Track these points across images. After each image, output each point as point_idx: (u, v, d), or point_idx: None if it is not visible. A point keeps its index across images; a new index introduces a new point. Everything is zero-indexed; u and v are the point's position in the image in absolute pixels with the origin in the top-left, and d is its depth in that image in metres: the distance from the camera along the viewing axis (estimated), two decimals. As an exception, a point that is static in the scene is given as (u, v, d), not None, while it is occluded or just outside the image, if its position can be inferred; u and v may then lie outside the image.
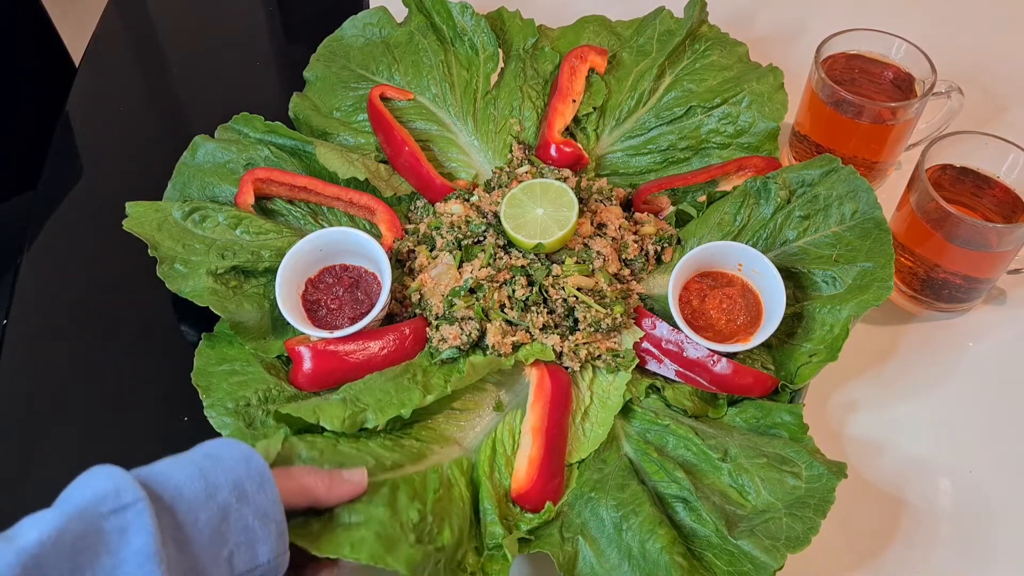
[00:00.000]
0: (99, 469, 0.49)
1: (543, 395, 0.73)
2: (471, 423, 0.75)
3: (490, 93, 0.97)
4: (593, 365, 0.78)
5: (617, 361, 0.78)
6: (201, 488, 0.51)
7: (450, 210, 0.85)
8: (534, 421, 0.72)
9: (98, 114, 1.04)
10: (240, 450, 0.54)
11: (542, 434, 0.71)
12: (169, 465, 0.52)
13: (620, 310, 0.79)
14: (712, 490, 0.69)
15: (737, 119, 0.91)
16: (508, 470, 0.72)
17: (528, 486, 0.70)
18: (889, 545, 0.72)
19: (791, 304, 0.78)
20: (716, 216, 0.84)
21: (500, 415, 0.75)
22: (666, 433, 0.73)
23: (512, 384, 0.78)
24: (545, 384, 0.74)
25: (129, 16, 1.17)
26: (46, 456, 0.76)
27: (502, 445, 0.73)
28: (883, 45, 0.91)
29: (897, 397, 0.81)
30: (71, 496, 0.48)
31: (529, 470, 0.70)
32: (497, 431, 0.74)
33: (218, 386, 0.74)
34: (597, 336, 0.78)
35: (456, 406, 0.74)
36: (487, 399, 0.76)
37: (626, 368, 0.78)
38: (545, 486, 0.70)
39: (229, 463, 0.53)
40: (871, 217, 0.77)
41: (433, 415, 0.74)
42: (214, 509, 0.51)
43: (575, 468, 0.73)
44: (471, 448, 0.73)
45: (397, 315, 0.82)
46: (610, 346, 0.78)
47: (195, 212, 0.82)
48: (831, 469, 0.67)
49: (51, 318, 0.84)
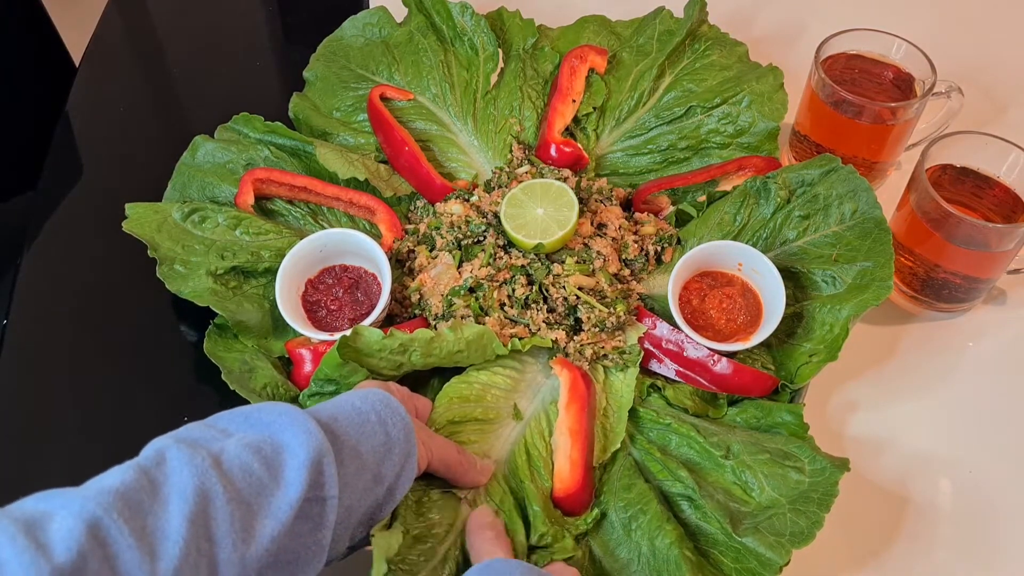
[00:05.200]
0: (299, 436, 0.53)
1: (578, 396, 0.72)
2: (496, 433, 0.73)
3: (490, 93, 0.97)
4: (603, 365, 0.78)
5: (624, 358, 0.78)
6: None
7: (450, 210, 0.85)
8: (571, 423, 0.71)
9: (98, 114, 1.04)
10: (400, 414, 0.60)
11: (580, 436, 0.71)
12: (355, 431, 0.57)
13: (623, 308, 0.79)
14: (716, 488, 0.69)
15: (737, 119, 0.91)
16: (547, 472, 0.71)
17: (574, 487, 0.69)
18: (889, 545, 0.72)
19: (791, 304, 0.78)
20: (716, 216, 0.84)
21: (522, 423, 0.74)
22: (668, 432, 0.73)
23: (525, 389, 0.76)
24: (579, 385, 0.73)
25: (129, 16, 1.17)
26: (46, 456, 0.76)
27: (536, 449, 0.72)
28: (883, 45, 0.91)
29: (897, 397, 0.81)
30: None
31: (573, 471, 0.69)
32: (527, 436, 0.73)
33: (231, 367, 0.74)
34: (602, 336, 0.78)
35: (477, 415, 0.73)
36: (503, 406, 0.74)
37: (633, 364, 0.77)
38: (588, 487, 0.70)
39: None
40: (871, 217, 0.77)
41: (458, 430, 0.72)
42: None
43: (598, 470, 0.72)
44: (502, 459, 0.72)
45: (397, 316, 0.82)
46: (616, 344, 0.78)
47: (195, 213, 0.82)
48: (834, 463, 0.68)
49: (51, 318, 0.84)
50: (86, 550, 0.43)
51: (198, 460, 0.49)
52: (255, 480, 0.50)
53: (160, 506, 0.47)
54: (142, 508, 0.46)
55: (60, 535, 0.43)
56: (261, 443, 0.52)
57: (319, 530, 0.52)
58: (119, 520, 0.44)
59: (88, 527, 0.43)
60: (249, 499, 0.49)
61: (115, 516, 0.44)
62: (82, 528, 0.43)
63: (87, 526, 0.43)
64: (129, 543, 0.44)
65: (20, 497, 0.46)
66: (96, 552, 0.43)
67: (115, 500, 0.45)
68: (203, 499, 0.48)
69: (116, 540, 0.44)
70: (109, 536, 0.44)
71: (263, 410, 0.55)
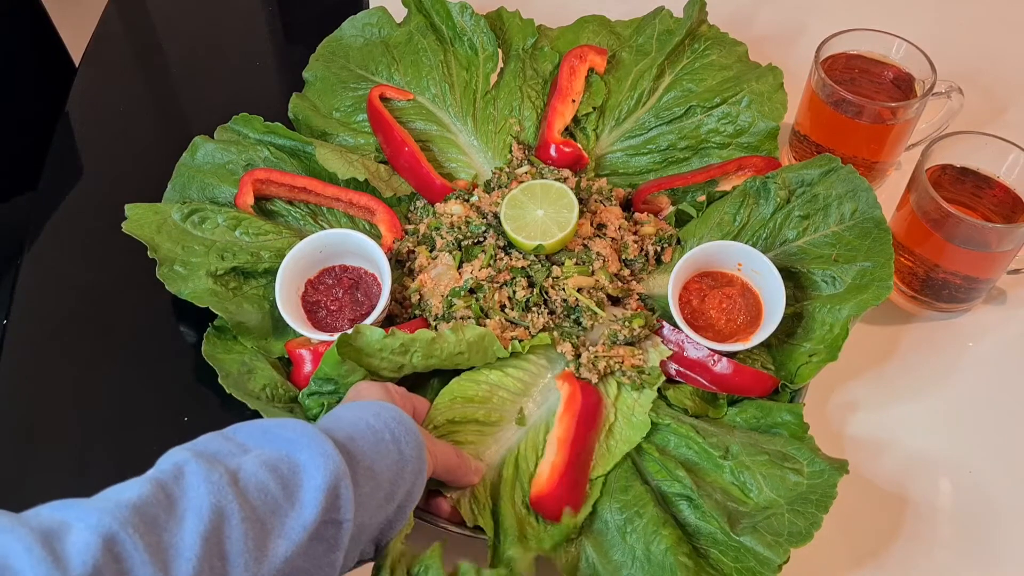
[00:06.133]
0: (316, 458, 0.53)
1: (572, 408, 0.72)
2: (495, 436, 0.73)
3: (490, 93, 0.97)
4: (618, 382, 0.77)
5: (642, 378, 0.76)
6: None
7: (450, 210, 0.85)
8: (560, 432, 0.71)
9: (98, 114, 1.04)
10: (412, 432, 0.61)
11: (567, 445, 0.70)
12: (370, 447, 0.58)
13: (640, 323, 0.78)
14: (714, 488, 0.69)
15: (737, 119, 0.91)
16: (529, 486, 0.71)
17: (547, 490, 0.69)
18: (889, 544, 0.72)
19: (791, 304, 0.78)
20: (716, 216, 0.84)
21: (524, 429, 0.74)
22: (667, 432, 0.73)
23: (535, 393, 0.76)
24: (576, 398, 0.72)
25: (129, 16, 1.17)
26: (46, 456, 0.76)
27: (525, 462, 0.72)
28: (883, 45, 0.91)
29: (897, 397, 0.81)
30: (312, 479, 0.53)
31: (551, 475, 0.69)
32: (520, 447, 0.72)
33: (228, 370, 0.74)
34: (617, 350, 0.77)
35: (479, 417, 0.72)
36: (509, 409, 0.74)
37: (651, 386, 0.76)
38: (564, 494, 0.69)
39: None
40: (870, 216, 0.77)
41: (456, 430, 0.72)
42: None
43: (597, 482, 0.71)
44: (493, 464, 0.72)
45: (397, 316, 0.82)
46: (635, 363, 0.77)
47: (194, 213, 0.82)
48: (833, 465, 0.68)
49: (51, 318, 0.84)
50: (101, 565, 0.43)
51: (215, 476, 0.49)
52: (271, 500, 0.50)
53: (176, 523, 0.47)
54: (158, 523, 0.46)
55: (76, 548, 0.43)
56: (278, 462, 0.52)
57: (333, 552, 0.53)
58: (135, 535, 0.44)
59: (104, 541, 0.44)
60: (264, 518, 0.50)
61: (131, 531, 0.44)
62: (98, 543, 0.43)
63: (103, 540, 0.44)
64: (143, 559, 0.44)
65: (20, 497, 0.47)
66: (110, 567, 0.43)
67: (132, 515, 0.45)
68: (218, 517, 0.48)
69: (131, 555, 0.44)
70: (124, 551, 0.44)
71: (282, 426, 0.55)
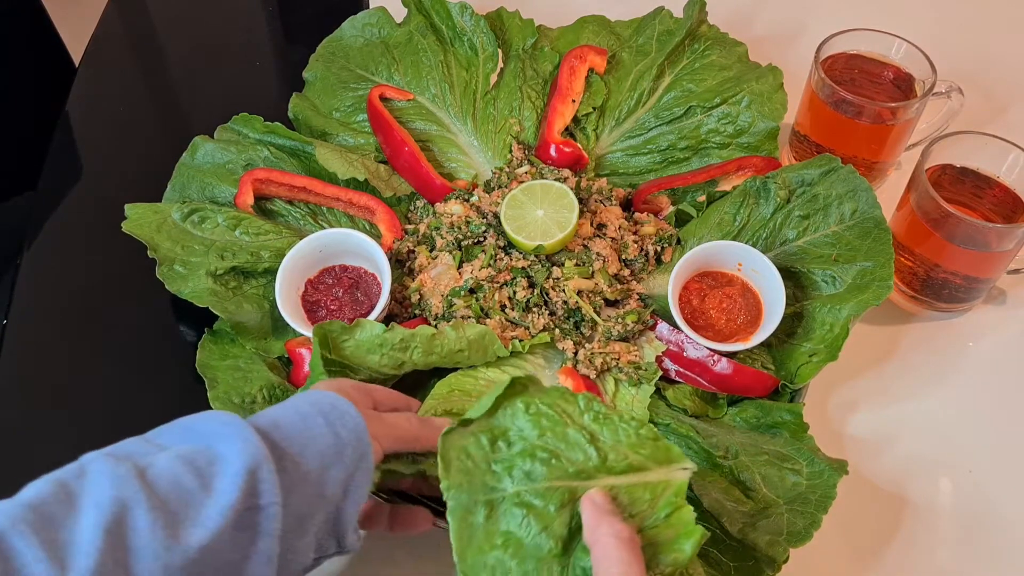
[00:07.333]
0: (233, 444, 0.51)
1: None
2: None
3: (489, 93, 0.97)
4: (615, 378, 0.77)
5: (639, 374, 0.77)
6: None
7: (450, 210, 0.85)
8: None
9: (98, 114, 1.04)
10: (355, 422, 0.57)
11: None
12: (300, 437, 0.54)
13: (632, 318, 0.78)
14: (713, 487, 0.69)
15: (737, 119, 0.91)
16: None
17: None
18: (889, 544, 0.72)
19: (791, 304, 0.78)
20: (716, 216, 0.84)
21: None
22: (667, 432, 0.73)
23: None
24: (579, 391, 0.72)
25: (129, 16, 1.17)
26: (46, 456, 0.75)
27: None
28: (883, 45, 0.91)
29: (897, 397, 0.81)
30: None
31: None
32: None
33: (223, 379, 0.74)
34: (613, 346, 0.78)
35: None
36: None
37: (648, 381, 0.77)
38: None
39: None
40: (870, 216, 0.77)
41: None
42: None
43: None
44: None
45: (397, 316, 0.82)
46: (631, 359, 0.78)
47: (194, 213, 0.82)
48: (832, 465, 0.68)
49: (51, 318, 0.84)
50: None
51: (121, 471, 0.48)
52: (184, 490, 0.49)
53: (73, 518, 0.46)
54: (55, 520, 0.45)
55: None
56: (195, 454, 0.51)
57: (260, 539, 0.50)
58: (27, 532, 0.43)
59: None
60: (176, 508, 0.48)
61: (22, 528, 0.43)
62: None
63: None
64: (37, 555, 0.43)
65: (19, 496, 0.46)
66: None
67: (25, 512, 0.44)
68: (121, 509, 0.46)
69: (22, 553, 0.43)
70: (14, 550, 0.43)
71: (205, 420, 0.54)
